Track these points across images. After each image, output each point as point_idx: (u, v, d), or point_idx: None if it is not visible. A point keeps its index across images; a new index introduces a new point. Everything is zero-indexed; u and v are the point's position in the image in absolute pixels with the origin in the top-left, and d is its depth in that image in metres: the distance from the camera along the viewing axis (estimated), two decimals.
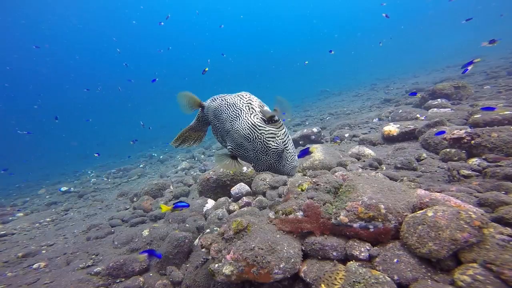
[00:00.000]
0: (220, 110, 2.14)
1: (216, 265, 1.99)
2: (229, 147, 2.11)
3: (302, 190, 2.49)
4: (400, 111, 5.54)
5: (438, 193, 1.69)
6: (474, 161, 2.46)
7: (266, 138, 1.90)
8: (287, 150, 2.04)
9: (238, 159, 2.22)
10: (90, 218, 4.87)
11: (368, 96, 12.55)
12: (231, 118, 2.06)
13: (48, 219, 5.31)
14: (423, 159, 3.05)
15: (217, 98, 2.29)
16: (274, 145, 1.91)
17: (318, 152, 3.84)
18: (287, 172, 2.06)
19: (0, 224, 5.38)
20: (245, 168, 4.01)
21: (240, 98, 2.14)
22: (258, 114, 2.03)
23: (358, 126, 6.09)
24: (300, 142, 5.82)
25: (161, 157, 11.53)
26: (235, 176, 3.94)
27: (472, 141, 2.56)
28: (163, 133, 21.92)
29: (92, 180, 10.36)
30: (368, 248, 1.70)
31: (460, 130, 2.75)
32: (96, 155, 10.97)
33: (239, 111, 2.04)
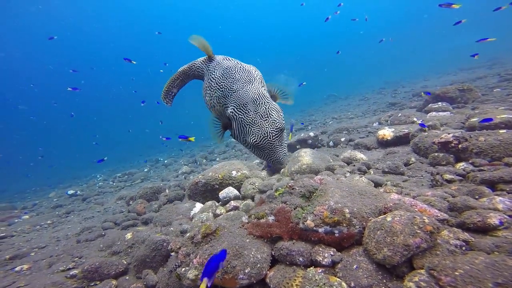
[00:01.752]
0: (234, 70, 2.27)
1: (183, 269, 1.96)
2: (231, 108, 2.10)
3: (279, 194, 2.44)
4: (400, 114, 5.39)
5: (407, 198, 1.61)
6: (461, 165, 2.33)
7: (271, 108, 2.01)
8: (284, 132, 2.13)
9: (231, 136, 2.24)
10: (87, 221, 4.94)
11: (374, 100, 12.31)
12: (244, 80, 2.19)
13: (48, 222, 5.43)
14: (411, 164, 2.93)
15: (232, 59, 2.45)
16: (275, 116, 1.99)
17: (306, 157, 3.77)
18: (279, 155, 2.00)
19: (4, 226, 5.56)
20: (234, 172, 3.98)
21: (254, 69, 2.36)
22: (266, 90, 2.29)
23: (357, 130, 5.96)
24: (297, 147, 5.76)
25: (165, 161, 11.65)
26: (224, 180, 3.92)
27: (459, 145, 2.44)
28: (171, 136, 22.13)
29: (99, 183, 10.58)
30: (332, 253, 1.63)
31: (448, 134, 2.62)
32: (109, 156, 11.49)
33: (253, 78, 2.22)
